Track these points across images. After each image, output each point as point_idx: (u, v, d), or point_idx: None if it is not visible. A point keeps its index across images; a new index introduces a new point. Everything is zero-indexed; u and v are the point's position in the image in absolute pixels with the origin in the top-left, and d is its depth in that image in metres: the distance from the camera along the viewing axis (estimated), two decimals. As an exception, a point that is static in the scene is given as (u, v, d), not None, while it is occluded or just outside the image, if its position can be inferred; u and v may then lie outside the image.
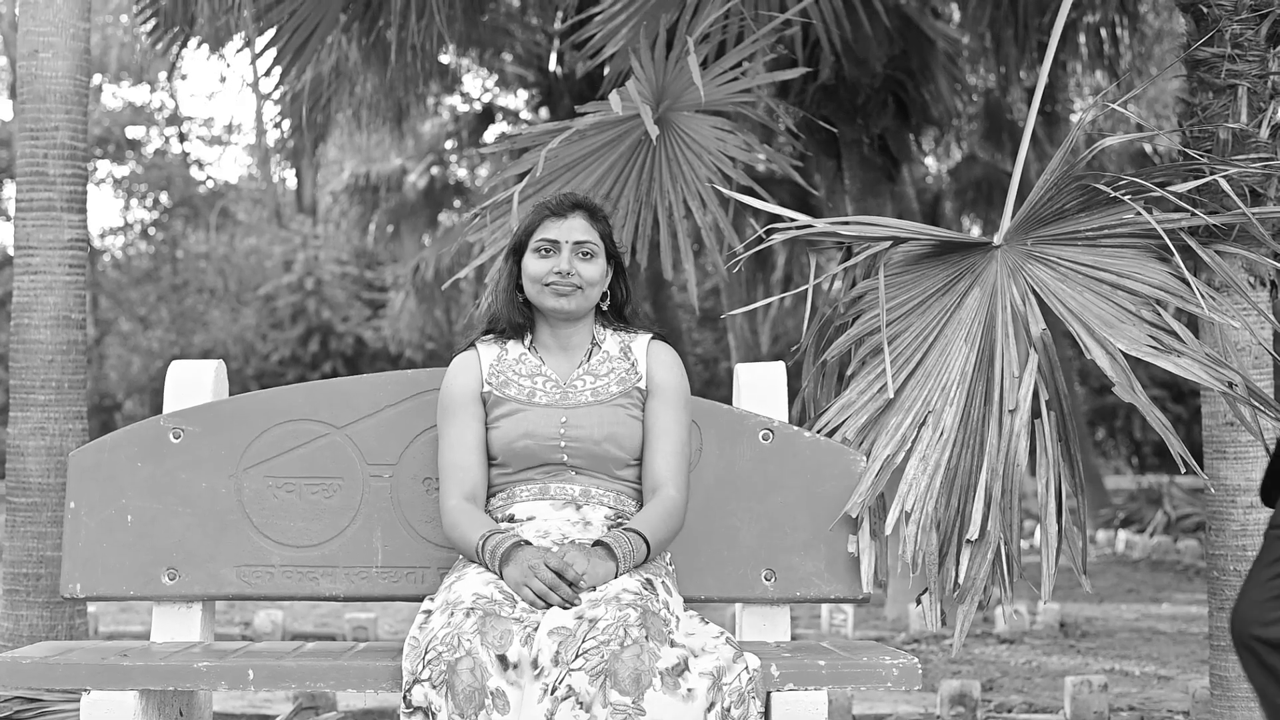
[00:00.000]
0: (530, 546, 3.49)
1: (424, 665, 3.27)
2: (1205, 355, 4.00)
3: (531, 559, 3.43)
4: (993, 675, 7.13)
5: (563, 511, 3.69)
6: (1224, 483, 4.36)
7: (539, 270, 3.76)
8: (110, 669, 3.53)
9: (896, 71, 11.05)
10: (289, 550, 4.02)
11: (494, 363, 3.83)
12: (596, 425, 3.71)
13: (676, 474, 3.71)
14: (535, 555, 3.44)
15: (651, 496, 3.71)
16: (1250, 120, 4.34)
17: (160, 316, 28.07)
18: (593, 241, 3.77)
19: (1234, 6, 4.38)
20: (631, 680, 3.19)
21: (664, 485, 3.71)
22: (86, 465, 4.03)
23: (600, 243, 3.79)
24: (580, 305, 3.78)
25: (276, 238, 28.62)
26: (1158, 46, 15.66)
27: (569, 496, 3.71)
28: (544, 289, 3.75)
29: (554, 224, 3.78)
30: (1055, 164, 4.25)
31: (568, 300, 3.75)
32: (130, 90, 32.88)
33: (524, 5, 12.87)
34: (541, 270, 3.75)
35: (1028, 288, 4.19)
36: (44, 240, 5.08)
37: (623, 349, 3.86)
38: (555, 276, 3.73)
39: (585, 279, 3.75)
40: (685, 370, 3.88)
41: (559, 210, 3.80)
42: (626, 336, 3.89)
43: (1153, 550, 13.18)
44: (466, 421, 3.79)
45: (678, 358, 3.88)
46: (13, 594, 5.05)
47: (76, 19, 5.14)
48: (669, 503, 3.67)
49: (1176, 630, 8.81)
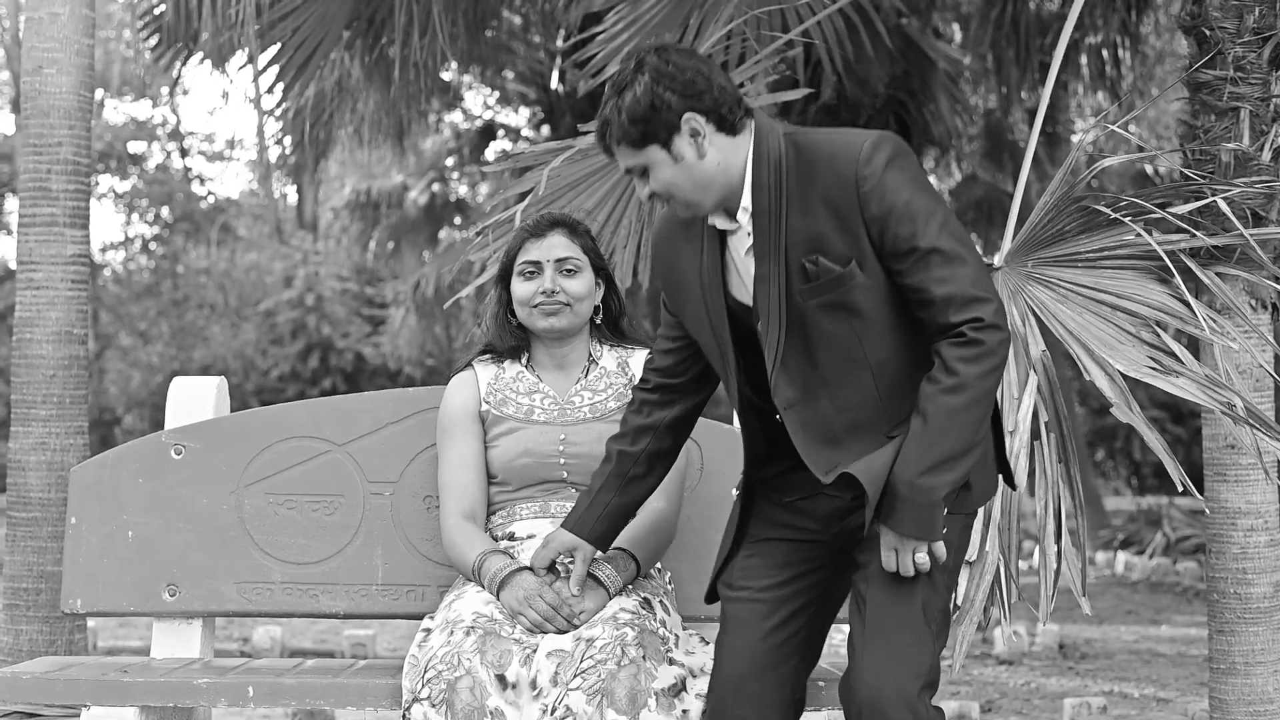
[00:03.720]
0: (528, 573, 3.50)
1: (423, 684, 3.27)
2: (1204, 377, 4.00)
3: (529, 587, 3.44)
4: (991, 696, 7.12)
5: None
6: (1224, 505, 4.36)
7: (525, 293, 3.77)
8: (110, 685, 3.53)
9: (898, 91, 11.09)
10: (289, 567, 4.02)
11: (491, 382, 3.84)
12: (595, 441, 3.71)
13: (666, 484, 3.70)
14: (533, 585, 3.45)
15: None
16: (1252, 142, 4.35)
17: (160, 331, 28.05)
18: (574, 257, 3.77)
19: (1236, 29, 4.39)
20: (628, 700, 3.21)
21: (654, 497, 3.71)
22: (88, 481, 4.04)
23: (583, 257, 3.79)
24: (571, 322, 3.78)
25: (277, 253, 28.61)
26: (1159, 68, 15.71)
27: None
28: (533, 310, 3.76)
29: (534, 245, 3.78)
30: (1056, 185, 4.26)
31: (557, 319, 3.76)
32: (133, 105, 32.89)
33: (526, 23, 12.91)
34: (528, 292, 3.76)
35: (1028, 309, 4.20)
36: (46, 255, 5.09)
37: (620, 364, 3.86)
38: (541, 297, 3.74)
39: (572, 295, 3.75)
40: None
41: (538, 231, 3.80)
42: (624, 352, 3.90)
43: (1152, 572, 13.16)
44: (466, 440, 3.80)
45: None
46: (12, 609, 5.05)
47: (80, 35, 5.15)
48: (656, 515, 3.69)
49: (1176, 652, 8.80)
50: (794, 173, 3.06)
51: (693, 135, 3.05)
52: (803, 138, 3.10)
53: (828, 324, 3.08)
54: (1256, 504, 4.32)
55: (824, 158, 3.04)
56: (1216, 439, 4.37)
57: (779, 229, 3.07)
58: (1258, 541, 4.33)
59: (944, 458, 2.97)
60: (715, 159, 3.08)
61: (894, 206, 2.99)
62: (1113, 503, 21.79)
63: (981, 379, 2.96)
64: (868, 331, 3.07)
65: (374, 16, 7.45)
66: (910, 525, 3.00)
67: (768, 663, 3.25)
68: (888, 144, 3.03)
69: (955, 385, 2.95)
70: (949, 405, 2.95)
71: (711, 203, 3.12)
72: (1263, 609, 4.31)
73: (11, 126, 28.84)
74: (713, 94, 3.06)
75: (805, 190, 3.05)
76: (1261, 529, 4.32)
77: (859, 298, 3.05)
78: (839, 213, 3.02)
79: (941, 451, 2.97)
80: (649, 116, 3.04)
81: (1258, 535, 4.33)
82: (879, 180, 2.99)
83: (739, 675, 3.24)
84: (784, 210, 3.06)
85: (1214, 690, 4.40)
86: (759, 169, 3.09)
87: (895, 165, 3.01)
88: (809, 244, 3.05)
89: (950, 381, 2.96)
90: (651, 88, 3.02)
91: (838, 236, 3.03)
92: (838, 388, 3.11)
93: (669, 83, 3.03)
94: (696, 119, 3.05)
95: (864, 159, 3.00)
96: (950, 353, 2.97)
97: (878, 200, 2.99)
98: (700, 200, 3.11)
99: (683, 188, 3.09)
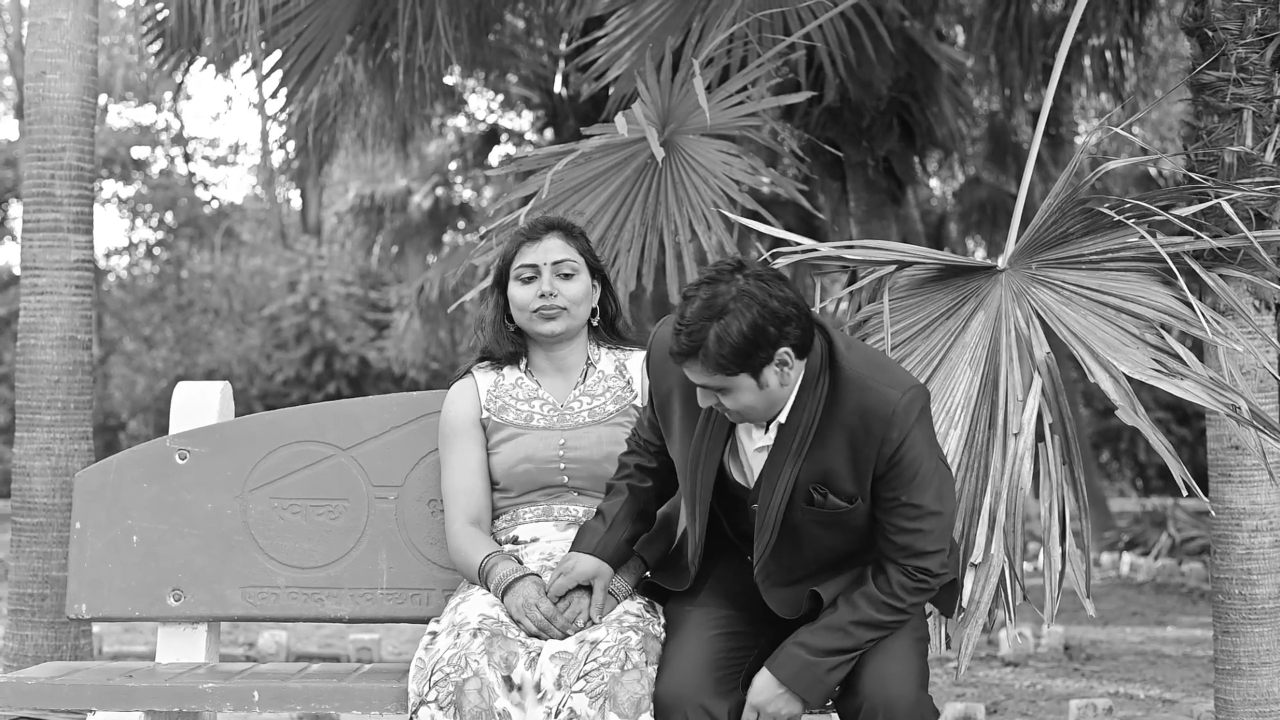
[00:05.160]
0: (533, 579, 3.49)
1: (430, 686, 3.28)
2: (1209, 379, 4.00)
3: (529, 596, 3.44)
4: (997, 698, 7.12)
5: (566, 532, 3.70)
6: (1228, 506, 4.36)
7: (524, 297, 3.77)
8: (116, 690, 3.54)
9: (901, 94, 11.08)
10: (294, 571, 4.02)
11: (491, 389, 3.85)
12: (595, 445, 3.73)
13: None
14: (534, 594, 3.45)
15: None
16: (1255, 144, 4.35)
17: (165, 336, 28.07)
18: (571, 259, 3.78)
19: (1239, 30, 4.39)
20: (631, 705, 3.22)
21: None
22: (92, 486, 4.04)
23: (580, 259, 3.81)
24: (569, 326, 3.79)
25: (281, 258, 28.63)
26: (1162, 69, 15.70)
27: (572, 517, 3.73)
28: (532, 315, 3.77)
29: (530, 249, 3.79)
30: (1059, 187, 4.26)
31: (556, 323, 3.77)
32: (136, 110, 32.90)
33: (529, 27, 12.91)
34: (526, 297, 3.77)
35: (1032, 311, 4.19)
36: (50, 261, 5.10)
37: (618, 367, 3.87)
38: (540, 301, 3.74)
39: (569, 298, 3.76)
40: None
41: (533, 234, 3.81)
42: (621, 354, 3.90)
43: (1157, 573, 13.15)
44: (468, 447, 3.81)
45: None
46: (18, 614, 5.06)
47: (84, 41, 5.16)
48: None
49: (1181, 653, 8.80)
50: (824, 411, 3.22)
51: (780, 365, 3.15)
52: (840, 365, 3.25)
53: (820, 533, 3.33)
54: (1261, 505, 4.32)
55: (856, 405, 3.21)
56: (1221, 440, 4.37)
57: (801, 448, 3.23)
58: (1262, 542, 4.33)
59: (851, 648, 3.27)
60: (787, 390, 3.22)
61: (903, 460, 3.22)
62: (1118, 504, 21.79)
63: (915, 606, 3.33)
64: (854, 537, 3.34)
65: (377, 21, 7.46)
66: (792, 678, 3.26)
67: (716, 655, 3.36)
68: (916, 406, 3.23)
69: (891, 607, 3.27)
70: (876, 620, 3.27)
71: (767, 418, 3.26)
72: (1268, 610, 4.31)
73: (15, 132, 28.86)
74: (801, 323, 3.16)
75: (829, 421, 3.22)
76: (1266, 530, 4.32)
77: (857, 522, 3.31)
78: (856, 453, 3.22)
79: (851, 644, 3.27)
80: (748, 351, 3.11)
81: (1262, 536, 4.33)
82: (901, 443, 3.20)
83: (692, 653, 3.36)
84: (811, 433, 3.22)
85: (1219, 691, 4.40)
86: (804, 389, 3.24)
87: (918, 426, 3.23)
88: (820, 475, 3.25)
89: (890, 602, 3.28)
90: (755, 322, 3.09)
91: (848, 472, 3.24)
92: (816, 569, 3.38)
93: (771, 318, 3.10)
94: (788, 352, 3.15)
95: (895, 420, 3.20)
96: (897, 579, 3.28)
97: (893, 453, 3.21)
98: (762, 417, 3.25)
99: (757, 410, 3.20)
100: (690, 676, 3.27)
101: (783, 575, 3.38)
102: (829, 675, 3.26)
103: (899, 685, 3.23)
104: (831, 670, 3.25)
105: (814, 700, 3.27)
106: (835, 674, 3.26)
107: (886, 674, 3.25)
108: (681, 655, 3.32)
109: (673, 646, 3.36)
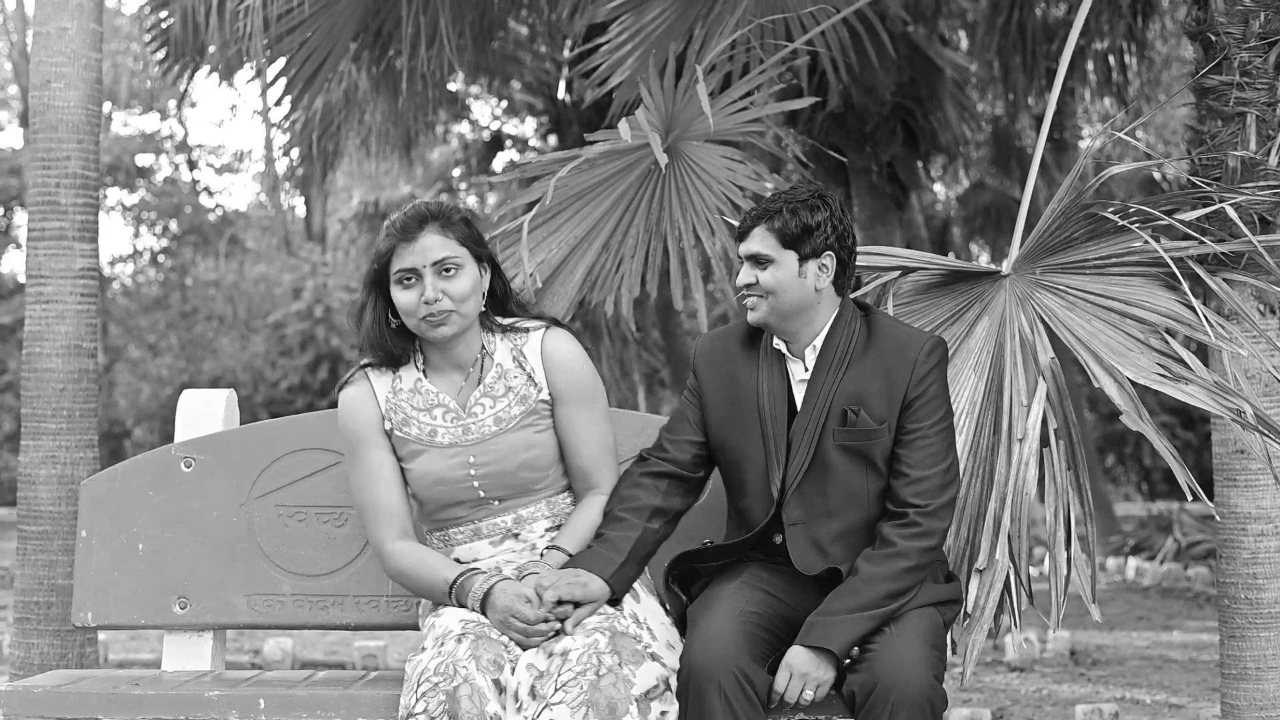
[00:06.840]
0: (503, 586, 3.45)
1: (418, 699, 3.25)
2: (1213, 383, 4.00)
3: (503, 607, 3.41)
4: (1003, 704, 7.11)
5: (502, 547, 3.66)
6: (1234, 510, 4.35)
7: (408, 304, 3.57)
8: (122, 698, 3.54)
9: (905, 99, 11.09)
10: (299, 579, 4.03)
11: (389, 396, 3.68)
12: (506, 456, 3.62)
13: (605, 472, 3.69)
14: (516, 599, 3.41)
15: (583, 495, 3.70)
16: (1259, 148, 4.35)
17: (169, 344, 28.08)
18: (451, 255, 3.56)
19: (1242, 34, 4.39)
20: (608, 709, 3.20)
21: (593, 488, 3.69)
22: (98, 494, 4.05)
23: (461, 250, 3.58)
24: (461, 325, 3.60)
25: (285, 265, 28.65)
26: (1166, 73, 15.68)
27: (503, 530, 3.66)
28: (420, 322, 3.57)
29: (406, 250, 3.55)
30: (1063, 192, 4.26)
31: (448, 327, 3.57)
32: (141, 118, 32.94)
33: (532, 33, 12.91)
34: (411, 303, 3.56)
35: (1036, 316, 4.20)
36: (56, 269, 5.10)
37: (515, 357, 3.68)
38: (425, 309, 3.54)
39: (456, 297, 3.55)
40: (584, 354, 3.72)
41: (407, 233, 3.56)
42: (517, 338, 3.70)
43: (1163, 577, 13.14)
44: (377, 456, 3.66)
45: (574, 347, 3.71)
46: (23, 622, 5.05)
47: (88, 49, 5.16)
48: (596, 508, 3.66)
49: (1188, 658, 8.79)
50: (859, 343, 3.65)
51: (821, 268, 3.63)
52: (875, 318, 3.72)
53: (846, 467, 3.60)
54: (1266, 509, 4.32)
55: (890, 337, 3.67)
56: (1226, 444, 4.37)
57: (835, 378, 3.61)
58: (1268, 546, 4.32)
59: (866, 604, 3.47)
60: (817, 298, 3.64)
61: (930, 394, 3.62)
62: (1123, 508, 21.76)
63: (920, 556, 3.53)
64: (873, 479, 3.61)
65: (381, 28, 7.46)
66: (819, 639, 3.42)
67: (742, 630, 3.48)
68: (942, 349, 3.68)
69: (895, 555, 3.51)
70: (884, 573, 3.49)
71: (783, 324, 3.64)
72: (1274, 614, 4.31)
73: (20, 141, 28.91)
74: (853, 256, 3.70)
75: (865, 355, 3.64)
76: (1272, 534, 4.32)
77: (877, 453, 3.60)
78: (889, 378, 3.60)
79: (865, 600, 3.47)
80: (812, 231, 3.61)
81: (1268, 540, 4.32)
82: (930, 371, 3.61)
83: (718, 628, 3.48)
84: (844, 367, 3.62)
85: (1226, 696, 4.40)
86: (836, 329, 3.67)
87: (942, 368, 3.66)
88: (854, 397, 3.60)
89: (892, 554, 3.51)
90: (828, 218, 3.62)
91: (881, 398, 3.59)
92: (838, 529, 3.62)
93: (838, 224, 3.64)
94: (832, 257, 3.64)
95: (925, 353, 3.63)
96: (897, 532, 3.54)
97: (924, 384, 3.60)
98: (781, 314, 3.63)
99: (782, 298, 3.61)
100: (725, 644, 3.36)
101: (806, 516, 3.61)
102: (850, 628, 3.43)
103: (910, 670, 3.37)
104: (851, 622, 3.44)
105: (837, 647, 3.42)
106: (855, 626, 3.44)
107: (901, 659, 3.39)
108: (716, 624, 3.42)
109: (706, 619, 3.45)
